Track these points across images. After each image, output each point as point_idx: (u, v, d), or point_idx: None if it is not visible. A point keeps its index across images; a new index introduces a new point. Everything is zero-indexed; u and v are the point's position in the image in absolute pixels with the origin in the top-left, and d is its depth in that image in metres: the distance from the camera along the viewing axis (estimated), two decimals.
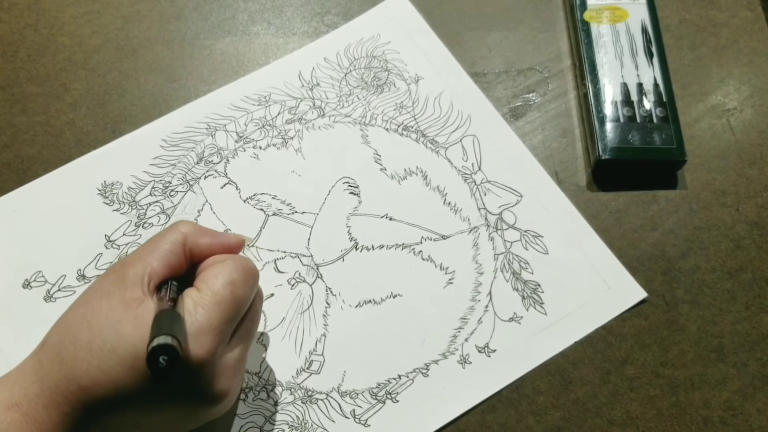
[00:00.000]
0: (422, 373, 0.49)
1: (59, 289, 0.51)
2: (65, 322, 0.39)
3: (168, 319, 0.35)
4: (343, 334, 0.50)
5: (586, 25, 0.59)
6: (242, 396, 0.49)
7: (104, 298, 0.38)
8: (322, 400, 0.49)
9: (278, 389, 0.49)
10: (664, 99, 0.56)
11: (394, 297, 0.51)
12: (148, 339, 0.34)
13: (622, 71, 0.57)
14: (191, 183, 0.55)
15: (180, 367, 0.35)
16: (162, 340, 0.32)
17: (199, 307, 0.38)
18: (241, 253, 0.45)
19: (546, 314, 0.51)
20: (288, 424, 0.48)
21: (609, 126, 0.55)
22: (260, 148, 0.56)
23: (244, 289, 0.40)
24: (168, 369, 0.32)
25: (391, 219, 0.54)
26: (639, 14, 0.60)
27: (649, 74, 0.57)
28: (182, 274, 0.42)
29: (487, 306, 0.51)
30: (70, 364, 0.37)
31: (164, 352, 0.32)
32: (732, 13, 0.62)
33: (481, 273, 0.52)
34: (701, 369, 0.50)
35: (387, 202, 0.54)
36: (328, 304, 0.51)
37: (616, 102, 0.56)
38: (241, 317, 0.42)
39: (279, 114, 0.58)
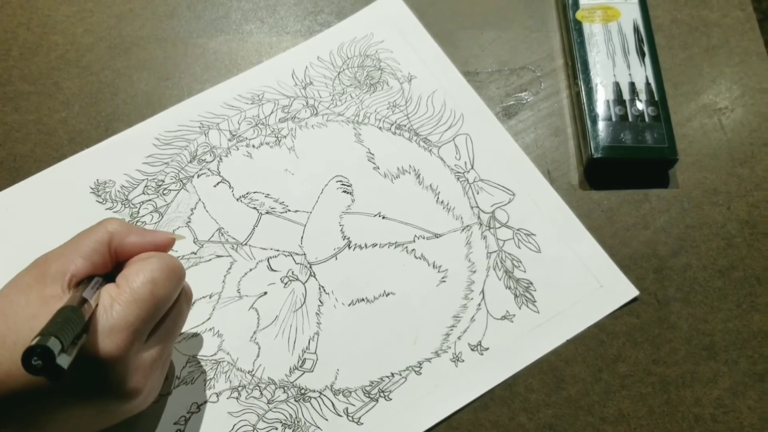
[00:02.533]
0: (415, 372, 0.49)
1: None
2: None
3: (62, 317, 0.34)
4: (336, 332, 0.51)
5: (579, 25, 0.60)
6: (235, 394, 0.49)
7: (23, 292, 0.38)
8: (315, 398, 0.49)
9: (271, 387, 0.49)
10: (656, 98, 0.56)
11: (387, 295, 0.52)
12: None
13: (614, 70, 0.57)
14: (184, 181, 0.55)
15: (86, 363, 0.36)
16: (39, 341, 0.31)
17: (116, 303, 0.38)
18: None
19: (538, 312, 0.51)
20: (281, 422, 0.48)
21: (601, 125, 0.55)
22: (253, 146, 0.56)
23: (165, 287, 0.40)
24: (43, 370, 0.31)
25: (384, 217, 0.54)
26: (631, 14, 0.60)
27: (641, 73, 0.57)
28: (108, 272, 0.42)
29: (479, 304, 0.51)
30: None
31: (39, 353, 0.31)
32: (723, 13, 0.62)
33: (474, 271, 0.52)
34: (692, 367, 0.50)
35: (380, 200, 0.55)
36: (321, 302, 0.51)
37: (608, 101, 0.56)
38: (162, 316, 0.41)
39: (272, 113, 0.58)
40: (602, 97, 0.56)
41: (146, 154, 0.56)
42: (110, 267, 0.42)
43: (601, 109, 0.56)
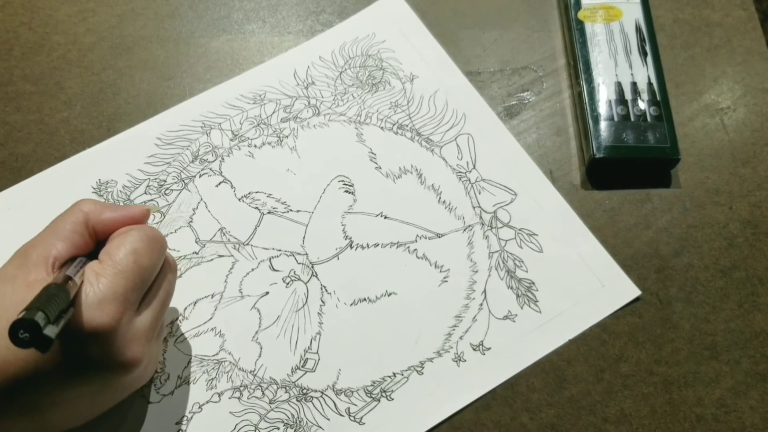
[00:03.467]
0: (417, 371, 0.49)
1: None
2: None
3: (46, 294, 0.34)
4: (338, 332, 0.51)
5: (581, 24, 0.60)
6: (237, 394, 0.49)
7: (8, 282, 0.39)
8: (317, 398, 0.49)
9: (273, 387, 0.49)
10: (658, 98, 0.56)
11: (389, 295, 0.52)
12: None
13: (617, 70, 0.57)
14: (186, 181, 0.55)
15: (79, 338, 0.36)
16: (23, 315, 0.32)
17: (102, 277, 0.38)
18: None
19: (540, 312, 0.51)
20: (283, 422, 0.48)
21: (603, 125, 0.55)
22: (255, 146, 0.56)
23: (148, 257, 0.41)
24: (31, 342, 0.32)
25: (386, 217, 0.54)
26: (633, 13, 0.60)
27: (643, 73, 0.57)
28: (90, 251, 0.42)
29: (481, 304, 0.51)
30: None
31: (26, 326, 0.31)
32: (725, 13, 0.62)
33: (476, 271, 0.52)
34: (694, 367, 0.50)
35: (382, 200, 0.55)
36: (323, 302, 0.51)
37: (610, 101, 0.56)
38: (150, 285, 0.42)
39: (274, 112, 0.58)
40: (604, 96, 0.56)
41: (148, 154, 0.56)
42: (92, 246, 0.43)
43: (603, 108, 0.56)
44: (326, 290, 0.52)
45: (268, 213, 0.54)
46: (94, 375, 0.38)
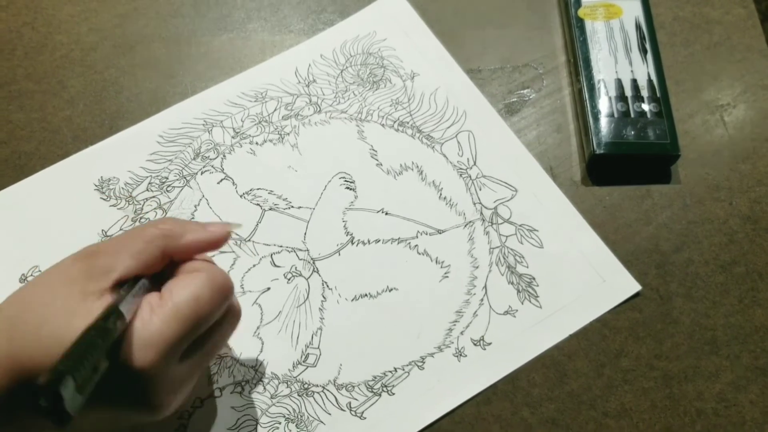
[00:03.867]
0: (418, 366, 0.50)
1: None
2: (24, 296, 0.38)
3: (83, 344, 0.32)
4: (339, 327, 0.51)
5: (581, 22, 0.60)
6: (238, 389, 0.49)
7: (66, 284, 0.37)
8: (318, 393, 0.49)
9: (275, 382, 0.49)
10: (658, 95, 0.56)
11: (390, 291, 0.52)
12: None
13: (617, 67, 0.58)
14: (188, 178, 0.55)
15: (117, 372, 0.35)
16: (50, 378, 0.28)
17: (155, 316, 0.36)
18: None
19: (541, 307, 0.51)
20: (284, 416, 0.48)
21: (603, 121, 0.55)
22: (257, 143, 0.57)
23: (209, 306, 0.38)
24: (50, 414, 0.28)
25: (387, 213, 0.54)
26: (633, 11, 0.60)
27: (643, 70, 0.57)
28: (157, 272, 0.41)
29: (482, 299, 0.52)
30: (17, 343, 0.36)
31: (47, 396, 0.28)
32: (725, 10, 0.62)
33: (477, 267, 0.53)
34: (695, 361, 0.50)
35: (383, 196, 0.55)
36: (324, 297, 0.52)
37: (610, 98, 0.56)
38: (202, 334, 0.40)
39: (275, 110, 0.58)
40: (604, 93, 0.56)
41: (150, 152, 0.56)
42: (160, 267, 0.41)
43: (603, 105, 0.56)
44: (327, 286, 0.52)
45: (270, 209, 0.54)
46: (120, 408, 0.38)
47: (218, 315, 0.40)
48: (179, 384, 0.39)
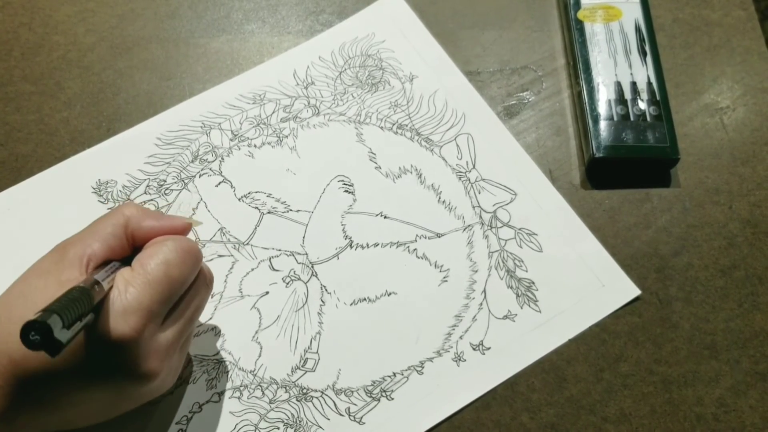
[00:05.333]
0: (417, 371, 0.49)
1: None
2: (4, 297, 0.39)
3: (67, 297, 0.34)
4: (338, 331, 0.51)
5: (580, 24, 0.60)
6: (237, 394, 0.49)
7: (42, 276, 0.39)
8: (317, 397, 0.49)
9: (273, 387, 0.49)
10: (658, 97, 0.56)
11: (388, 295, 0.52)
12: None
13: (616, 70, 0.57)
14: (186, 181, 0.55)
15: (100, 344, 0.36)
16: (39, 317, 0.31)
17: (130, 286, 0.38)
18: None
19: (540, 312, 0.51)
20: (283, 421, 0.48)
21: (603, 124, 0.55)
22: (255, 146, 0.56)
23: (180, 269, 0.40)
24: (41, 344, 0.31)
25: (385, 217, 0.54)
26: (632, 13, 0.60)
27: (643, 73, 0.57)
28: (126, 257, 0.42)
29: (481, 304, 0.51)
30: (3, 338, 0.37)
31: (36, 329, 0.31)
32: (725, 12, 0.62)
33: (476, 271, 0.52)
34: (694, 366, 0.50)
35: (382, 200, 0.55)
36: (323, 302, 0.51)
37: (609, 100, 0.56)
38: (180, 299, 0.42)
39: (274, 112, 0.58)
40: (604, 96, 0.56)
41: (148, 154, 0.56)
42: (128, 251, 0.42)
43: (602, 108, 0.56)
44: (326, 290, 0.52)
45: (268, 213, 0.54)
46: (111, 382, 0.39)
47: (191, 278, 0.42)
48: (165, 350, 0.40)
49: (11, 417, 0.38)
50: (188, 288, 0.43)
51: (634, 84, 0.57)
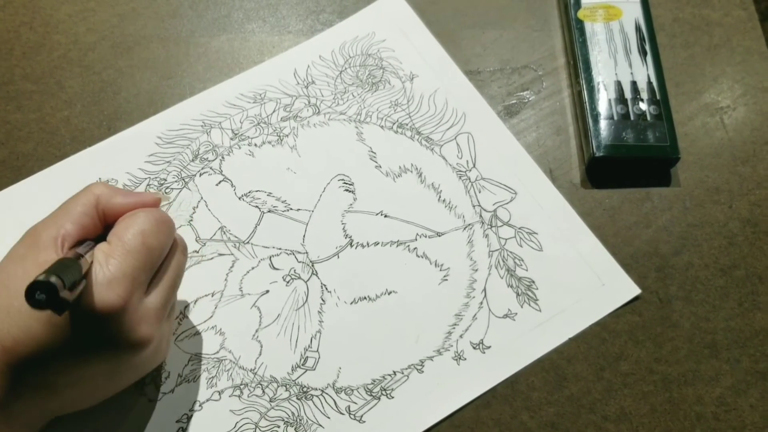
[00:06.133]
0: (417, 370, 0.50)
1: None
2: None
3: (60, 264, 0.34)
4: (338, 330, 0.51)
5: (580, 24, 0.60)
6: (237, 392, 0.49)
7: (19, 262, 0.39)
8: (317, 396, 0.49)
9: (273, 385, 0.49)
10: (658, 97, 0.56)
11: (389, 294, 0.52)
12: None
13: (616, 69, 0.57)
14: (186, 180, 0.55)
15: (90, 317, 0.37)
16: (41, 277, 0.32)
17: (110, 258, 0.38)
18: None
19: (540, 311, 0.51)
20: (283, 420, 0.48)
21: (603, 124, 0.55)
22: (255, 145, 0.56)
23: (156, 237, 0.41)
24: (47, 303, 0.32)
25: (386, 216, 0.54)
26: (633, 13, 0.60)
27: (643, 72, 0.57)
28: (99, 234, 0.43)
29: (481, 303, 0.51)
30: None
31: (42, 288, 0.32)
32: (725, 12, 0.62)
33: (476, 270, 0.52)
34: (694, 365, 0.50)
35: (382, 199, 0.55)
36: (323, 300, 0.51)
37: (610, 100, 0.56)
38: (159, 266, 0.42)
39: (274, 111, 0.58)
40: (604, 95, 0.56)
41: (148, 153, 0.56)
42: (101, 229, 0.43)
43: (603, 107, 0.56)
44: (326, 289, 0.52)
45: (269, 212, 0.54)
46: (105, 354, 0.39)
47: (167, 245, 0.43)
48: (154, 316, 0.41)
49: (8, 404, 0.38)
50: (167, 255, 0.44)
51: (634, 83, 0.57)
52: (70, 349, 0.37)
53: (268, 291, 0.52)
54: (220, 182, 0.55)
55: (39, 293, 0.32)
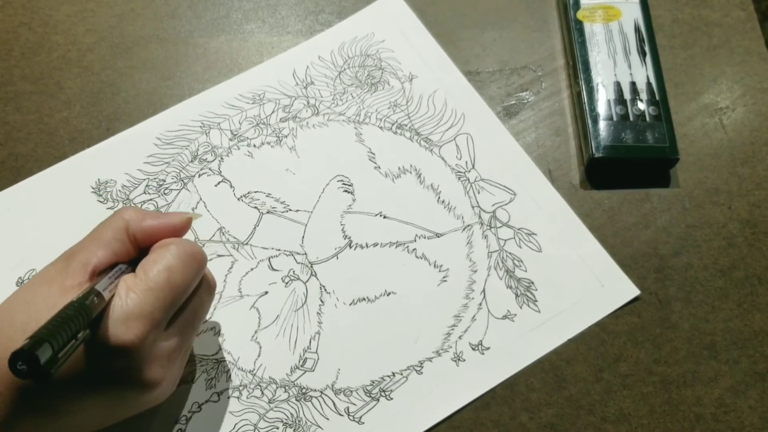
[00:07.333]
0: (416, 371, 0.49)
1: None
2: (7, 304, 0.39)
3: (61, 317, 0.33)
4: (338, 331, 0.51)
5: (580, 24, 0.60)
6: (236, 394, 0.49)
7: (46, 283, 0.38)
8: (316, 397, 0.49)
9: (272, 387, 0.49)
10: (657, 98, 0.56)
11: (388, 295, 0.52)
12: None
13: (615, 70, 0.57)
14: (185, 181, 0.55)
15: (101, 352, 0.36)
16: (25, 345, 0.30)
17: (132, 292, 0.38)
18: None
19: (539, 312, 0.51)
20: (282, 421, 0.48)
21: (602, 124, 0.55)
22: (254, 146, 0.56)
23: (182, 274, 0.40)
24: (28, 374, 0.30)
25: (385, 217, 0.54)
26: (632, 13, 0.60)
27: (642, 73, 0.57)
28: (132, 259, 0.42)
29: (480, 304, 0.51)
30: (5, 344, 0.37)
31: (23, 359, 0.30)
32: (724, 13, 0.62)
33: (475, 271, 0.52)
34: (694, 366, 0.50)
35: (381, 200, 0.55)
36: (322, 301, 0.51)
37: (609, 100, 0.56)
38: (182, 305, 0.41)
39: (273, 112, 0.58)
40: (603, 96, 0.56)
41: (147, 154, 0.56)
42: (134, 252, 0.42)
43: (602, 108, 0.56)
44: (325, 290, 0.52)
45: (267, 212, 0.54)
46: (112, 390, 0.38)
47: (194, 284, 0.42)
48: (167, 358, 0.40)
49: (11, 424, 0.38)
50: (192, 293, 0.42)
51: (633, 84, 0.57)
52: (77, 380, 0.37)
53: (267, 292, 0.52)
54: (219, 183, 0.55)
55: (20, 364, 0.30)
